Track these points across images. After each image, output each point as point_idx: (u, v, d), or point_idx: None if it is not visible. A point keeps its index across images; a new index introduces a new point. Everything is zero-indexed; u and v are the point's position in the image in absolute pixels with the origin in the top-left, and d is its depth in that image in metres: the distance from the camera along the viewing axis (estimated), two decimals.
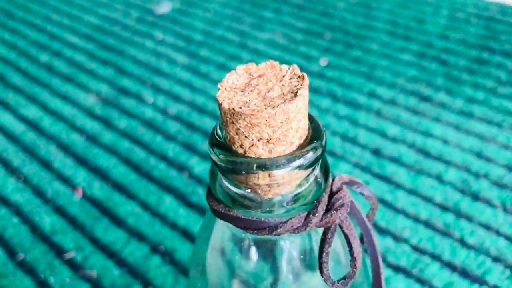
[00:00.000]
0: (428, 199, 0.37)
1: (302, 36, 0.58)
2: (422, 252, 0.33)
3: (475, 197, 0.37)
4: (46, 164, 0.43)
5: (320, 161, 0.15)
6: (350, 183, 0.15)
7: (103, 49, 0.59)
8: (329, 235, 0.14)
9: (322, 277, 0.14)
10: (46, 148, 0.45)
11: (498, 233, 0.34)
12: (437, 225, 0.35)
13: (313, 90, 0.49)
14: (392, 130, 0.43)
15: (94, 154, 0.43)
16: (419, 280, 0.32)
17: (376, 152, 0.41)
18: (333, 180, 0.15)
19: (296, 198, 0.14)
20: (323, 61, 0.53)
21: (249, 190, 0.14)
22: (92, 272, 0.34)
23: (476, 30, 0.56)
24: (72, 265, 0.35)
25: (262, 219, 0.14)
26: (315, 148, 0.13)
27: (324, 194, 0.14)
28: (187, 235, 0.36)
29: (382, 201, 0.37)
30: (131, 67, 0.55)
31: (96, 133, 0.46)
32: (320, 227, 0.14)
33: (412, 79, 0.49)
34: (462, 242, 0.34)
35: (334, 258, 0.16)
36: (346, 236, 0.14)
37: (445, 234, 0.34)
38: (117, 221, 0.37)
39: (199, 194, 0.39)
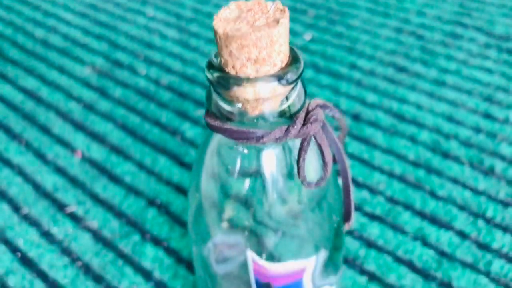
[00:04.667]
0: (402, 157, 0.40)
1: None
2: (396, 202, 0.37)
3: (445, 155, 0.40)
4: (46, 130, 0.45)
5: (299, 84, 0.18)
6: (324, 106, 0.18)
7: (96, 25, 0.61)
8: (305, 144, 0.17)
9: (300, 178, 0.17)
10: (45, 115, 0.47)
11: (464, 185, 0.38)
12: (410, 179, 0.38)
13: None
14: (371, 98, 0.46)
15: (91, 121, 0.46)
16: (393, 226, 0.35)
17: (356, 117, 0.44)
18: (309, 102, 0.18)
19: (278, 115, 0.17)
20: (307, 36, 0.56)
21: (239, 105, 0.17)
22: (93, 223, 0.37)
23: (451, 7, 0.59)
24: (74, 217, 0.38)
25: (251, 130, 0.17)
26: (296, 68, 0.17)
27: (301, 111, 0.17)
28: (181, 190, 0.39)
29: (360, 159, 0.40)
30: (124, 42, 0.57)
31: (93, 102, 0.48)
32: (298, 137, 0.17)
33: (390, 52, 0.52)
34: (432, 194, 0.37)
35: (312, 173, 0.19)
36: (319, 145, 0.17)
37: (417, 187, 0.38)
38: (115, 179, 0.40)
39: (191, 155, 0.42)
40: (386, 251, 0.34)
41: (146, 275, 0.33)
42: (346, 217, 0.21)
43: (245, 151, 0.18)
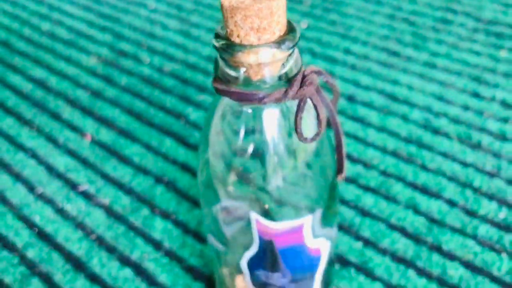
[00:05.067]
0: (394, 134, 0.43)
1: None
2: (389, 175, 0.39)
3: (435, 131, 0.43)
4: (56, 116, 0.48)
5: (296, 52, 0.20)
6: (318, 72, 0.20)
7: (101, 17, 0.63)
8: (302, 104, 0.19)
9: (297, 134, 0.19)
10: (54, 103, 0.49)
11: (453, 159, 0.40)
12: (402, 154, 0.41)
13: None
14: (365, 80, 0.49)
15: (99, 107, 0.48)
16: (386, 197, 0.38)
17: (350, 99, 0.47)
18: (305, 68, 0.20)
19: (278, 78, 0.20)
20: (304, 24, 0.58)
21: (243, 70, 0.19)
22: (105, 200, 0.39)
23: None
24: (86, 195, 0.40)
25: (253, 92, 0.19)
26: (293, 36, 0.19)
27: (298, 76, 0.20)
28: (187, 169, 0.41)
29: (354, 137, 0.43)
30: (127, 33, 0.59)
31: (100, 89, 0.51)
32: (295, 99, 0.19)
33: (383, 38, 0.55)
34: (423, 167, 0.40)
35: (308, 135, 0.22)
36: (314, 106, 0.19)
37: (409, 161, 0.40)
38: (124, 160, 0.43)
39: (196, 136, 0.44)
40: (380, 219, 0.36)
41: (156, 245, 0.36)
42: (339, 170, 0.24)
43: (249, 111, 0.20)
